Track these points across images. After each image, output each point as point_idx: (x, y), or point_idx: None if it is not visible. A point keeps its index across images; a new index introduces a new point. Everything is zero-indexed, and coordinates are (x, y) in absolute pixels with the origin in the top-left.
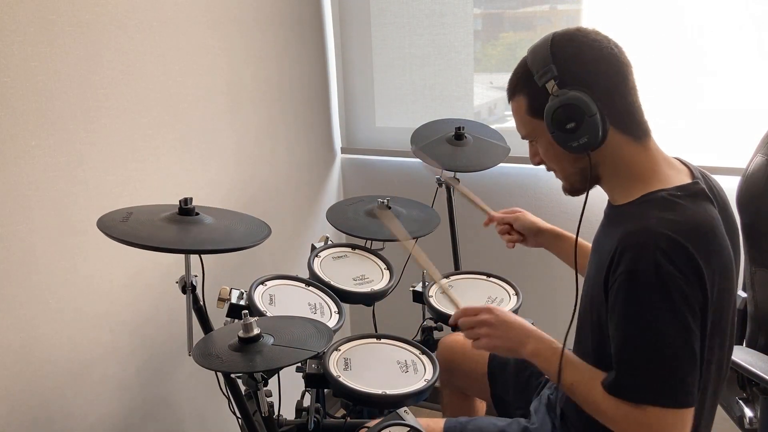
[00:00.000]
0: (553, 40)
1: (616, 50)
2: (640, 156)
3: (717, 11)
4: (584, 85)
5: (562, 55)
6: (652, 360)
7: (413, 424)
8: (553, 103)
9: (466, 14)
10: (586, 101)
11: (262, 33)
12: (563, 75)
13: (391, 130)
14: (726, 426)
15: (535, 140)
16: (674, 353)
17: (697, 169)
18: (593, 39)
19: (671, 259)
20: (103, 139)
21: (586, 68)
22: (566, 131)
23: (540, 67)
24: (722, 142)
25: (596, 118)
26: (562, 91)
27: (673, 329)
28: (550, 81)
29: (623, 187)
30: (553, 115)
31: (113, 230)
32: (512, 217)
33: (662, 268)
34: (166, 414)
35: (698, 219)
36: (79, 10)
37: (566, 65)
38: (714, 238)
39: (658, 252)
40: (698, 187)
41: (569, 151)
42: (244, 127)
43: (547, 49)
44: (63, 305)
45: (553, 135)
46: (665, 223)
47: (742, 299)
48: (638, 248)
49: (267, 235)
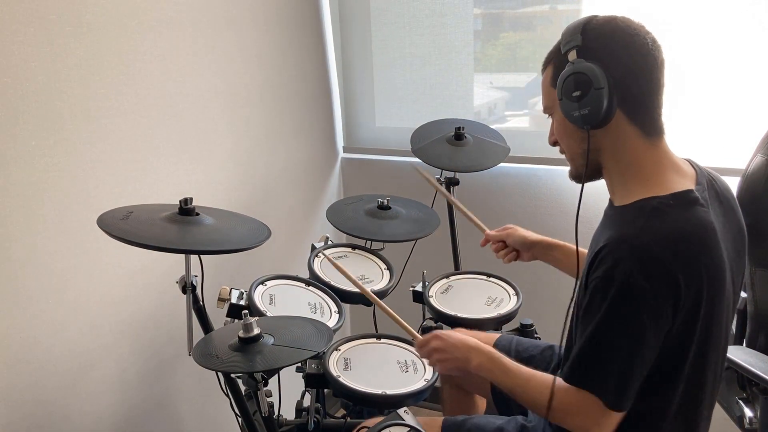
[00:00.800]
0: (593, 17)
1: (651, 44)
2: (647, 153)
3: (718, 11)
4: (604, 60)
5: (594, 30)
6: (607, 358)
7: (413, 424)
8: (567, 69)
9: (466, 14)
10: (597, 73)
11: (262, 33)
12: (586, 47)
13: (391, 130)
14: (726, 426)
15: (551, 114)
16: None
17: (705, 173)
18: (632, 27)
19: (646, 271)
20: (102, 139)
21: (612, 47)
22: (571, 99)
23: (568, 36)
24: (722, 143)
25: (602, 92)
26: (578, 60)
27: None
28: (572, 50)
29: (623, 186)
30: (564, 81)
31: (113, 229)
32: (504, 234)
33: (634, 280)
34: (166, 414)
35: (684, 229)
36: (79, 10)
37: (593, 39)
38: (700, 248)
39: (634, 262)
40: (692, 195)
41: (570, 121)
42: (244, 127)
43: (582, 22)
44: (63, 305)
45: (560, 102)
46: (648, 233)
47: (742, 299)
48: (616, 256)
49: (267, 236)
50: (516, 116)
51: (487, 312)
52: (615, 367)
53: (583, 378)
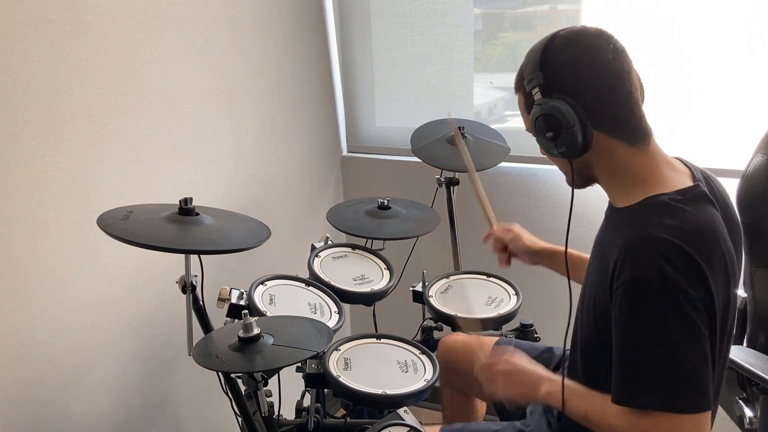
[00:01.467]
0: (549, 44)
1: (612, 56)
2: (638, 160)
3: (718, 11)
4: (570, 93)
5: (553, 62)
6: (663, 365)
7: (413, 424)
8: (535, 110)
9: (466, 14)
10: (564, 112)
11: (263, 33)
12: (549, 82)
13: (392, 129)
14: (726, 426)
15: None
16: (685, 356)
17: (699, 171)
18: (591, 44)
19: (674, 263)
20: (102, 139)
21: (576, 76)
22: (546, 138)
23: (529, 72)
24: (722, 144)
25: (574, 129)
26: (544, 100)
27: (682, 332)
28: (535, 88)
29: (622, 190)
30: (534, 122)
31: (113, 228)
32: (509, 238)
33: (665, 273)
34: (166, 414)
35: (700, 222)
36: (79, 10)
37: (555, 72)
38: (716, 240)
39: (660, 258)
40: (699, 190)
41: (551, 156)
42: (244, 126)
43: (539, 54)
44: (63, 305)
45: (537, 140)
46: (666, 228)
47: (742, 299)
48: (640, 255)
49: (267, 236)
50: (516, 116)
51: (487, 312)
52: (678, 369)
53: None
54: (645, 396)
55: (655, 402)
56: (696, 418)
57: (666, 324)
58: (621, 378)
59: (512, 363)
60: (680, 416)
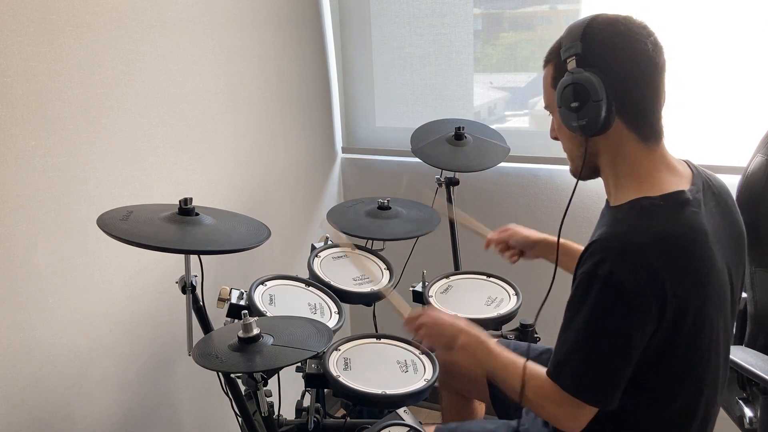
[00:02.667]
0: (593, 20)
1: (651, 48)
2: (643, 158)
3: (718, 11)
4: (603, 70)
5: (594, 36)
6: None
7: (413, 424)
8: (566, 78)
9: (466, 14)
10: (595, 85)
11: (262, 33)
12: (586, 55)
13: (391, 130)
14: (726, 426)
15: (552, 112)
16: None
17: (701, 174)
18: (633, 30)
19: (629, 269)
20: (103, 139)
21: (611, 56)
22: (570, 109)
23: (568, 41)
24: (722, 143)
25: (601, 104)
26: (577, 70)
27: (614, 337)
28: (571, 57)
29: (619, 187)
30: (563, 90)
31: (113, 229)
32: (506, 235)
33: (615, 276)
34: (166, 414)
35: (671, 230)
36: (79, 10)
37: (593, 47)
38: (686, 248)
39: (618, 261)
40: (683, 196)
41: (568, 129)
42: (244, 127)
43: (582, 26)
44: (63, 305)
45: (559, 110)
46: (636, 232)
47: (743, 299)
48: (603, 253)
49: (266, 237)
50: (516, 116)
51: (487, 312)
52: (602, 368)
53: (563, 376)
54: (563, 375)
55: (566, 384)
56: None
57: (601, 326)
58: (554, 355)
59: (433, 315)
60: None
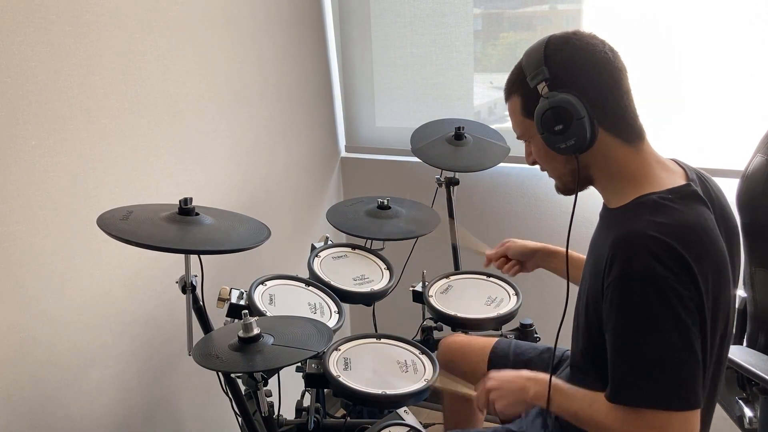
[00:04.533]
0: (548, 42)
1: (611, 54)
2: (632, 159)
3: (718, 11)
4: (575, 88)
5: (556, 57)
6: (654, 362)
7: (413, 424)
8: (543, 104)
9: (466, 14)
10: (575, 104)
11: (262, 33)
12: (555, 77)
13: (392, 129)
14: (726, 426)
15: (529, 140)
16: (675, 354)
17: (694, 171)
18: (588, 43)
19: (662, 260)
20: (102, 138)
21: (579, 72)
22: (554, 133)
23: (533, 68)
24: (722, 143)
25: (584, 121)
26: (552, 94)
27: (672, 329)
28: (541, 83)
29: (616, 190)
30: (542, 116)
31: (113, 228)
32: (503, 249)
33: (654, 270)
34: (166, 414)
35: (689, 221)
36: (79, 10)
37: (559, 68)
38: (706, 239)
39: (649, 255)
40: (690, 189)
41: (558, 153)
42: (244, 127)
43: (541, 51)
44: (63, 305)
45: (543, 136)
46: (655, 226)
47: (742, 299)
48: (629, 252)
49: (266, 236)
50: None
51: (487, 312)
52: (667, 367)
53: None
54: (635, 394)
55: (644, 400)
56: (685, 415)
57: (654, 321)
58: (613, 375)
59: (496, 377)
60: (669, 413)
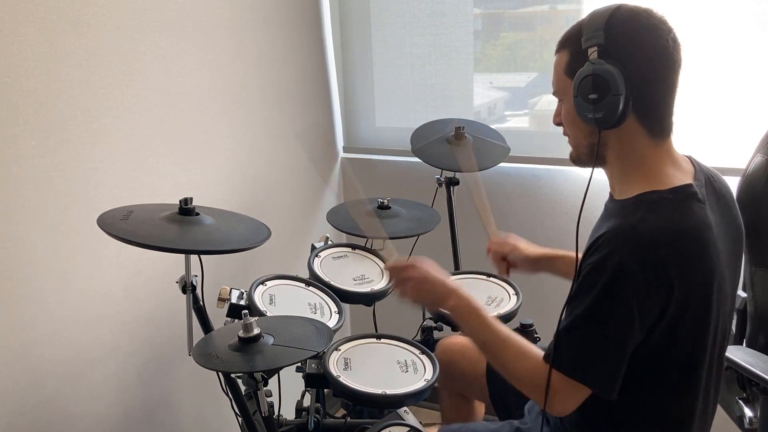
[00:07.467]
0: (617, 10)
1: (672, 44)
2: (650, 153)
3: (718, 12)
4: (624, 63)
5: (617, 27)
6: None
7: (413, 424)
8: (586, 68)
9: (466, 14)
10: (617, 79)
11: (262, 33)
12: (608, 46)
13: (391, 129)
14: (726, 426)
15: (561, 100)
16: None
17: (704, 171)
18: (654, 25)
19: (639, 260)
20: (102, 139)
21: (634, 49)
22: (587, 100)
23: (591, 30)
24: (722, 143)
25: (620, 98)
26: (599, 61)
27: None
28: (593, 47)
29: (623, 179)
30: (581, 80)
31: (113, 228)
32: (508, 249)
33: (625, 267)
34: (166, 414)
35: (682, 224)
36: (79, 10)
37: (616, 39)
38: (699, 239)
39: (627, 252)
40: (691, 190)
41: (582, 120)
42: (244, 126)
43: (605, 16)
44: (63, 305)
45: (575, 100)
46: (645, 225)
47: (742, 299)
48: (612, 245)
49: (267, 236)
50: (516, 116)
51: (487, 312)
52: (602, 353)
53: (569, 364)
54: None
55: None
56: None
57: (606, 314)
58: (555, 340)
59: (423, 272)
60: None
